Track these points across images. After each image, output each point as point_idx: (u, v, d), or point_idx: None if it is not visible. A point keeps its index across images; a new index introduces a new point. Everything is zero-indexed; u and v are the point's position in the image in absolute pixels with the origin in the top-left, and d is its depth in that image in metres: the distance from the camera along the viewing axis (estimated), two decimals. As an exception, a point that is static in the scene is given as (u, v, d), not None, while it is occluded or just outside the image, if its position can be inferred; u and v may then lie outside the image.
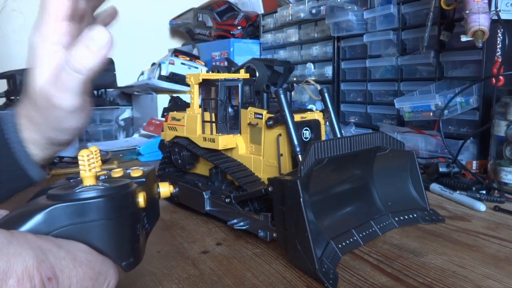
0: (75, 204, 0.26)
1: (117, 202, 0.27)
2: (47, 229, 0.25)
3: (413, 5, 1.12)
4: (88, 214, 0.26)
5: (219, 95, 0.66)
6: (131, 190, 0.28)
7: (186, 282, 0.48)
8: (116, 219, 0.27)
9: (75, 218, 0.26)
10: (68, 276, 0.24)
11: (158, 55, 1.89)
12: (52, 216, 0.25)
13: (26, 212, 0.25)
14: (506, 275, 0.47)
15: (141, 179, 0.32)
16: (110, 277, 0.27)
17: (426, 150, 1.03)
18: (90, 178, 0.27)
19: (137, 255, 0.29)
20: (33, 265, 0.22)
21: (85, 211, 0.26)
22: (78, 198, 0.26)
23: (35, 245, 0.23)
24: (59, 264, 0.23)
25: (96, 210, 0.26)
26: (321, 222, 0.53)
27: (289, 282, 0.47)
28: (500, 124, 0.81)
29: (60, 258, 0.24)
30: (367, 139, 0.57)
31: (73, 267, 0.24)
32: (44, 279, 0.22)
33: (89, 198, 0.26)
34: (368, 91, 1.28)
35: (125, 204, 0.28)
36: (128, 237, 0.28)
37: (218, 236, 0.61)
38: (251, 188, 0.59)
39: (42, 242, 0.24)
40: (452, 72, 1.05)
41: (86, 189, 0.27)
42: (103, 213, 0.26)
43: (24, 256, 0.22)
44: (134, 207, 0.28)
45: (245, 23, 1.85)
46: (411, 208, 0.64)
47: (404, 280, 0.47)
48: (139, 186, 0.30)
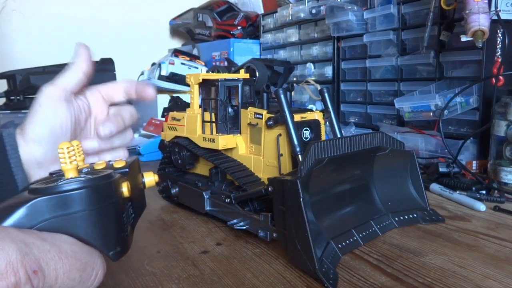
0: (57, 196, 0.25)
1: (99, 192, 0.27)
2: (30, 223, 0.25)
3: (413, 5, 1.12)
4: (70, 206, 0.26)
5: (219, 95, 0.66)
6: (113, 179, 0.28)
7: (186, 282, 0.48)
8: (99, 209, 0.27)
9: (58, 210, 0.25)
10: (54, 269, 0.24)
11: (158, 55, 1.89)
12: (34, 210, 0.25)
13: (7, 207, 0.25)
14: (506, 275, 0.47)
15: (124, 169, 0.32)
16: (98, 268, 0.27)
17: (426, 150, 1.03)
18: (72, 170, 0.27)
19: (124, 244, 0.29)
20: (16, 259, 0.22)
21: (67, 203, 0.26)
22: (60, 190, 0.26)
23: (17, 238, 0.23)
24: (44, 257, 0.23)
25: (79, 201, 0.26)
26: (321, 222, 0.53)
27: (289, 282, 0.47)
28: (500, 124, 0.81)
29: (45, 251, 0.24)
30: (367, 139, 0.57)
31: (58, 259, 0.24)
32: (29, 272, 0.22)
33: (71, 190, 0.26)
34: (368, 91, 1.28)
35: (108, 194, 0.27)
36: (113, 226, 0.28)
37: (218, 236, 0.61)
38: (251, 188, 0.59)
39: (25, 235, 0.23)
40: (452, 72, 1.05)
41: (68, 181, 0.27)
42: (86, 203, 0.26)
43: (7, 250, 0.22)
44: (117, 196, 0.28)
45: (245, 23, 1.85)
46: (411, 208, 0.64)
47: (404, 280, 0.47)
48: (122, 176, 0.30)
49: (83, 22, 1.97)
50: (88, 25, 1.97)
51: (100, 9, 1.99)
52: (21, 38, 1.86)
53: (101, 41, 1.97)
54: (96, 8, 1.99)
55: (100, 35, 1.99)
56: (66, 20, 1.94)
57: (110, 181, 0.28)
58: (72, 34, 1.94)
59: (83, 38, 2.00)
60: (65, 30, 1.93)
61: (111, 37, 2.00)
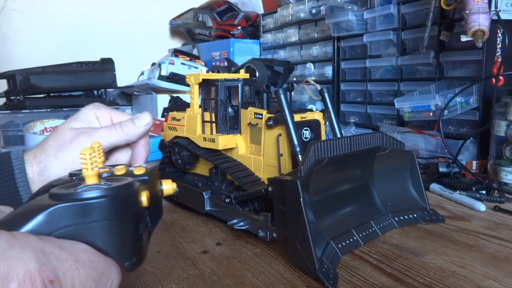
0: (77, 204, 0.25)
1: (120, 201, 0.26)
2: (48, 230, 0.25)
3: (413, 5, 1.12)
4: (90, 215, 0.25)
5: (219, 95, 0.66)
6: (134, 189, 0.28)
7: (186, 282, 0.48)
8: (119, 219, 0.26)
9: (77, 218, 0.25)
10: (70, 278, 0.23)
11: (158, 55, 1.89)
12: (54, 217, 0.25)
13: (27, 212, 0.25)
14: (506, 275, 0.47)
15: (144, 177, 0.31)
16: (113, 278, 0.26)
17: (426, 150, 1.03)
18: (93, 176, 0.27)
19: (140, 255, 0.28)
20: (34, 268, 0.22)
21: (87, 211, 0.25)
22: (80, 198, 0.25)
23: (36, 247, 0.23)
24: (61, 266, 0.23)
25: (99, 210, 0.25)
26: (321, 222, 0.53)
27: (289, 282, 0.47)
28: (500, 124, 0.81)
29: (62, 260, 0.23)
30: (367, 139, 0.57)
31: (75, 269, 0.24)
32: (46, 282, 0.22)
33: (92, 198, 0.25)
34: (368, 91, 1.28)
35: (128, 204, 0.27)
36: (131, 237, 0.27)
37: (218, 236, 0.61)
38: (251, 188, 0.59)
39: (44, 244, 0.23)
40: (452, 72, 1.05)
41: (88, 188, 0.26)
42: (106, 213, 0.26)
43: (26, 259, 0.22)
44: (137, 206, 0.28)
45: (245, 23, 1.85)
46: (411, 208, 0.64)
47: (404, 280, 0.47)
48: (142, 185, 0.29)
49: (83, 22, 1.97)
50: (88, 25, 1.97)
51: (100, 9, 1.99)
52: (21, 38, 1.86)
53: (101, 41, 1.98)
54: (96, 8, 1.99)
55: (100, 35, 1.99)
56: (66, 20, 1.94)
57: (131, 190, 0.27)
58: (72, 34, 1.94)
59: (83, 38, 2.01)
60: (65, 30, 1.93)
61: (111, 37, 2.00)
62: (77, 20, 1.95)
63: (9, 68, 1.49)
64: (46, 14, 1.90)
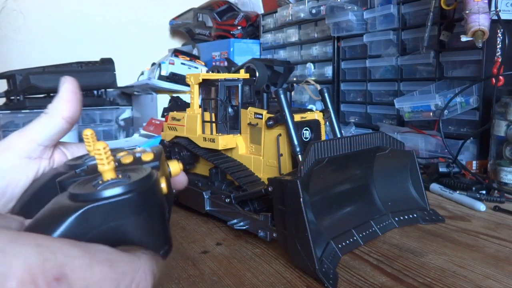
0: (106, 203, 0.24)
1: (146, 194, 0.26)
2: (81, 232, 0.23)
3: (413, 5, 1.12)
4: (121, 212, 0.24)
5: (219, 95, 0.66)
6: (155, 179, 0.27)
7: (186, 282, 0.48)
8: (147, 211, 0.26)
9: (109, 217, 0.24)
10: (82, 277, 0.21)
11: (158, 55, 1.89)
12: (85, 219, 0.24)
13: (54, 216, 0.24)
14: (506, 275, 0.47)
15: (155, 162, 0.30)
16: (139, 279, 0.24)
17: (426, 150, 1.03)
18: (110, 171, 0.26)
19: (170, 241, 0.28)
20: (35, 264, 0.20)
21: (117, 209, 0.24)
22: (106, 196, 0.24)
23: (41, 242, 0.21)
24: (70, 263, 0.21)
25: (128, 206, 0.25)
26: (321, 222, 0.53)
27: (289, 282, 0.47)
28: (500, 124, 0.81)
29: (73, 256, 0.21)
30: (367, 139, 0.57)
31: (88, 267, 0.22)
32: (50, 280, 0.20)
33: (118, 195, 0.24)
34: (368, 91, 1.28)
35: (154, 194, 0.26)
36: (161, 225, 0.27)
37: (218, 236, 0.61)
38: (251, 188, 0.59)
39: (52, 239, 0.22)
40: (452, 72, 1.05)
41: (109, 184, 0.25)
42: (135, 208, 0.25)
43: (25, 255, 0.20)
44: (161, 195, 0.27)
45: (245, 23, 1.85)
46: (411, 208, 0.64)
47: (404, 280, 0.47)
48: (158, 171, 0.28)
49: (83, 22, 1.97)
50: (88, 25, 1.98)
51: (100, 9, 1.99)
52: (21, 38, 1.86)
53: (101, 41, 1.98)
54: (96, 8, 1.99)
55: (100, 35, 1.99)
56: (66, 20, 1.94)
57: (153, 181, 0.26)
58: (72, 34, 1.94)
59: (83, 38, 2.01)
60: (65, 30, 1.93)
61: (111, 37, 2.00)
62: (77, 20, 1.95)
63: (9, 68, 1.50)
64: (46, 14, 1.91)
